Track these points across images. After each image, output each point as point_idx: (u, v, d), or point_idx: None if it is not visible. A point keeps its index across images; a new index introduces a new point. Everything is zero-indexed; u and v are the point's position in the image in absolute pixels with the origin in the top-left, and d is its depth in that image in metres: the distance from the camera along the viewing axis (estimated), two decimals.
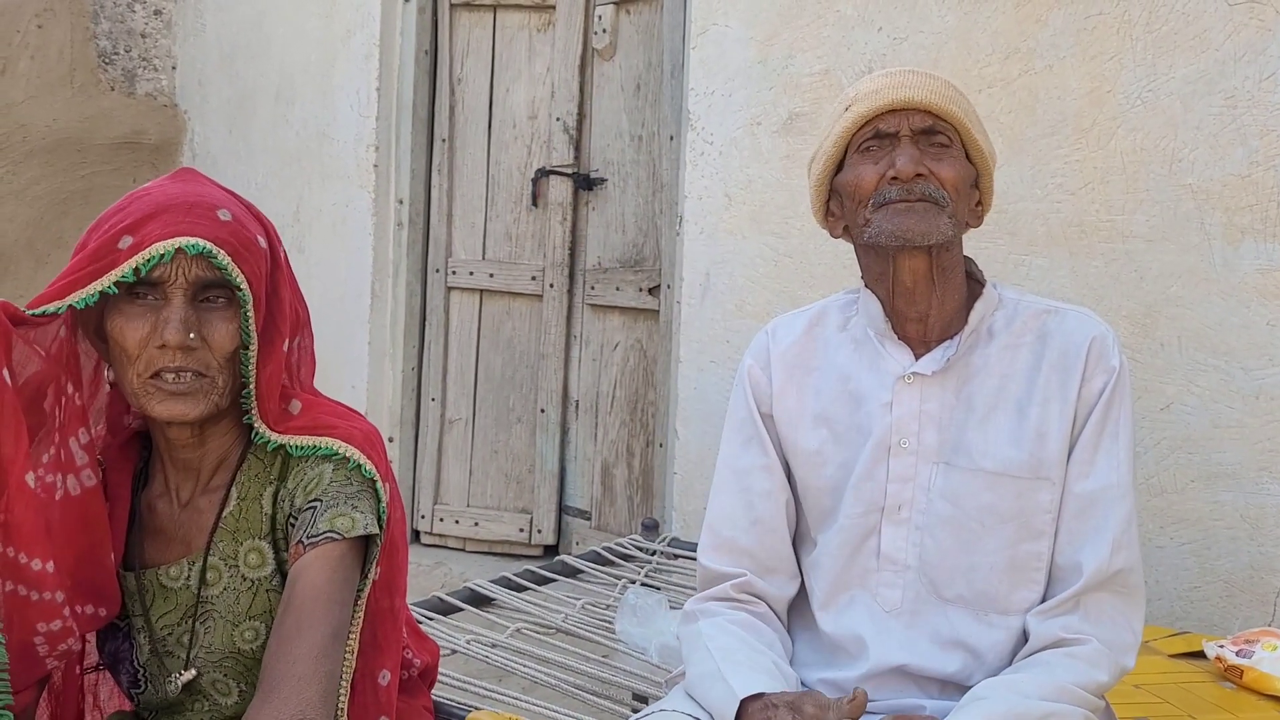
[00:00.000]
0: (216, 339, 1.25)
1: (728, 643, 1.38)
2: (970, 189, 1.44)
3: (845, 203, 1.44)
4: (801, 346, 1.50)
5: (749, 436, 1.50)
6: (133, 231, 1.21)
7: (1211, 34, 2.27)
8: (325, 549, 1.24)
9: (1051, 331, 1.42)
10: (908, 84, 1.40)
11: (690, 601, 1.50)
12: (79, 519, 1.27)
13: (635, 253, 3.35)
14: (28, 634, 1.25)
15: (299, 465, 1.31)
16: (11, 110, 3.67)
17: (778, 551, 1.47)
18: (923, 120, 1.39)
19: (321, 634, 1.20)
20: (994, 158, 1.47)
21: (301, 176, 3.78)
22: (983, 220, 1.49)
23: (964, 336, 1.42)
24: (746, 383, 1.51)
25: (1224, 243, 2.26)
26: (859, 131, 1.42)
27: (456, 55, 3.61)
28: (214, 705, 1.34)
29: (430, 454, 3.64)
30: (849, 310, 1.52)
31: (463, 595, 2.17)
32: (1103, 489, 1.37)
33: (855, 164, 1.42)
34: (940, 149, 1.40)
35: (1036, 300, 1.47)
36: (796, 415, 1.48)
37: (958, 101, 1.41)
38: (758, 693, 1.28)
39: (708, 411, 2.90)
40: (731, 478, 1.50)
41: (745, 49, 2.85)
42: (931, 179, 1.38)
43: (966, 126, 1.41)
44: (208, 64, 4.04)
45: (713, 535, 1.50)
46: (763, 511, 1.47)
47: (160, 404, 1.24)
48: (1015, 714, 1.23)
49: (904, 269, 1.40)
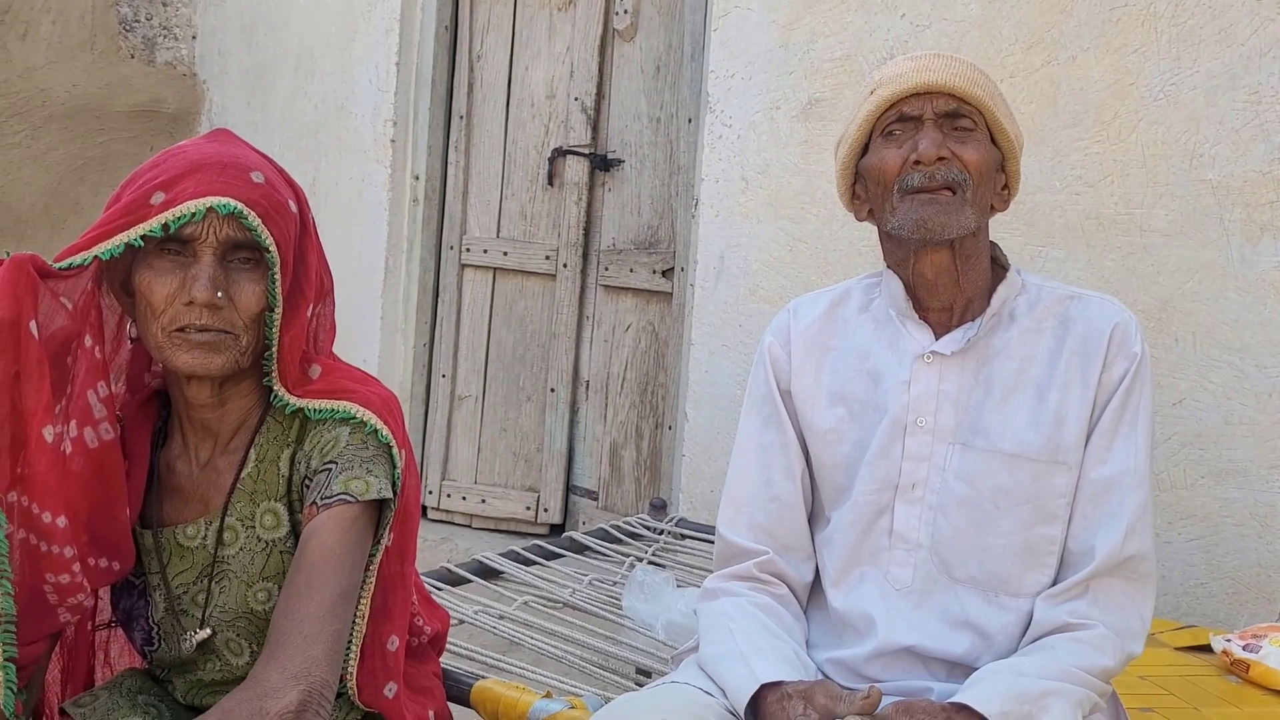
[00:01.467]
0: (244, 299, 1.25)
1: (750, 626, 1.39)
2: (995, 172, 1.43)
3: (870, 186, 1.45)
4: (822, 325, 1.51)
5: (768, 414, 1.50)
6: (166, 188, 1.22)
7: (1237, 28, 2.26)
8: (338, 510, 1.25)
9: (1074, 317, 1.42)
10: (931, 67, 1.40)
11: (711, 578, 1.50)
12: (95, 472, 1.28)
13: (650, 234, 3.35)
14: (38, 583, 1.26)
15: (316, 428, 1.32)
16: (32, 75, 3.68)
17: (795, 528, 1.48)
18: (946, 104, 1.39)
19: (330, 593, 1.21)
20: (1021, 141, 1.47)
21: (319, 150, 3.78)
22: (1009, 204, 1.49)
23: (985, 319, 1.42)
24: (767, 359, 1.52)
25: (1243, 239, 2.25)
26: (883, 115, 1.42)
27: (476, 32, 3.61)
28: (225, 664, 1.35)
29: (440, 430, 3.65)
30: (871, 292, 1.52)
31: (471, 567, 2.19)
32: (1119, 474, 1.37)
33: (880, 147, 1.43)
34: (964, 132, 1.40)
35: (1060, 286, 1.47)
36: (813, 393, 1.48)
37: (982, 84, 1.41)
38: (777, 680, 1.29)
39: (718, 395, 2.90)
40: (751, 454, 1.51)
41: (767, 32, 2.84)
42: (955, 162, 1.38)
43: (991, 109, 1.41)
44: (228, 34, 4.04)
45: (732, 509, 1.50)
46: (781, 489, 1.48)
47: (184, 354, 1.24)
48: (1015, 692, 1.23)
49: (925, 262, 1.41)
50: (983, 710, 1.21)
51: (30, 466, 1.22)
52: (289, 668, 1.15)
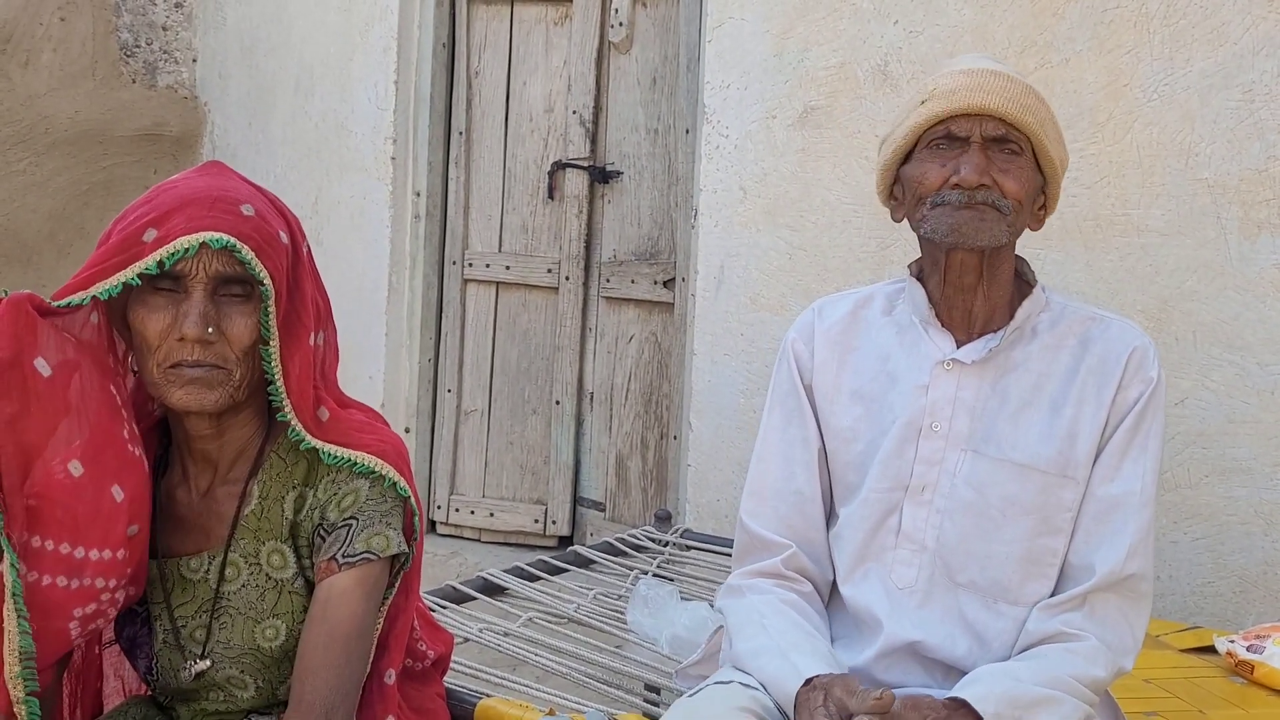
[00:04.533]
0: (235, 333, 1.26)
1: (783, 623, 1.40)
2: (1036, 195, 1.44)
3: (907, 194, 1.46)
4: (845, 326, 1.53)
5: (791, 409, 1.52)
6: (158, 225, 1.23)
7: (1230, 27, 2.26)
8: (362, 570, 1.29)
9: (1094, 338, 1.44)
10: (986, 88, 1.38)
11: (735, 574, 1.51)
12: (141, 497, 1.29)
13: (650, 246, 3.36)
14: (64, 621, 1.26)
15: (331, 476, 1.32)
16: (34, 102, 3.71)
17: (816, 522, 1.50)
18: (996, 128, 1.39)
19: (361, 667, 1.29)
20: (1065, 164, 1.47)
21: (320, 169, 3.80)
22: (1044, 224, 1.49)
23: (1008, 332, 1.44)
24: (790, 355, 1.54)
25: (1240, 237, 2.25)
26: (931, 129, 1.42)
27: (474, 48, 3.63)
28: (229, 697, 1.37)
29: (446, 445, 3.66)
30: (895, 298, 1.54)
31: (476, 584, 2.19)
32: (1126, 494, 1.38)
33: (923, 159, 1.43)
34: (1010, 157, 1.40)
35: (1084, 307, 1.49)
36: (834, 390, 1.50)
37: (1034, 110, 1.40)
38: (814, 675, 1.30)
39: (721, 404, 2.91)
40: (774, 447, 1.52)
41: (761, 42, 2.85)
42: (995, 189, 1.38)
43: (1040, 137, 1.41)
44: (228, 56, 4.07)
45: (756, 500, 1.52)
46: (803, 483, 1.50)
47: (178, 390, 1.26)
48: (1010, 696, 1.25)
49: (955, 263, 1.42)
50: (978, 708, 1.24)
51: (42, 500, 1.23)
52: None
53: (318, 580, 1.30)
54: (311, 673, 1.25)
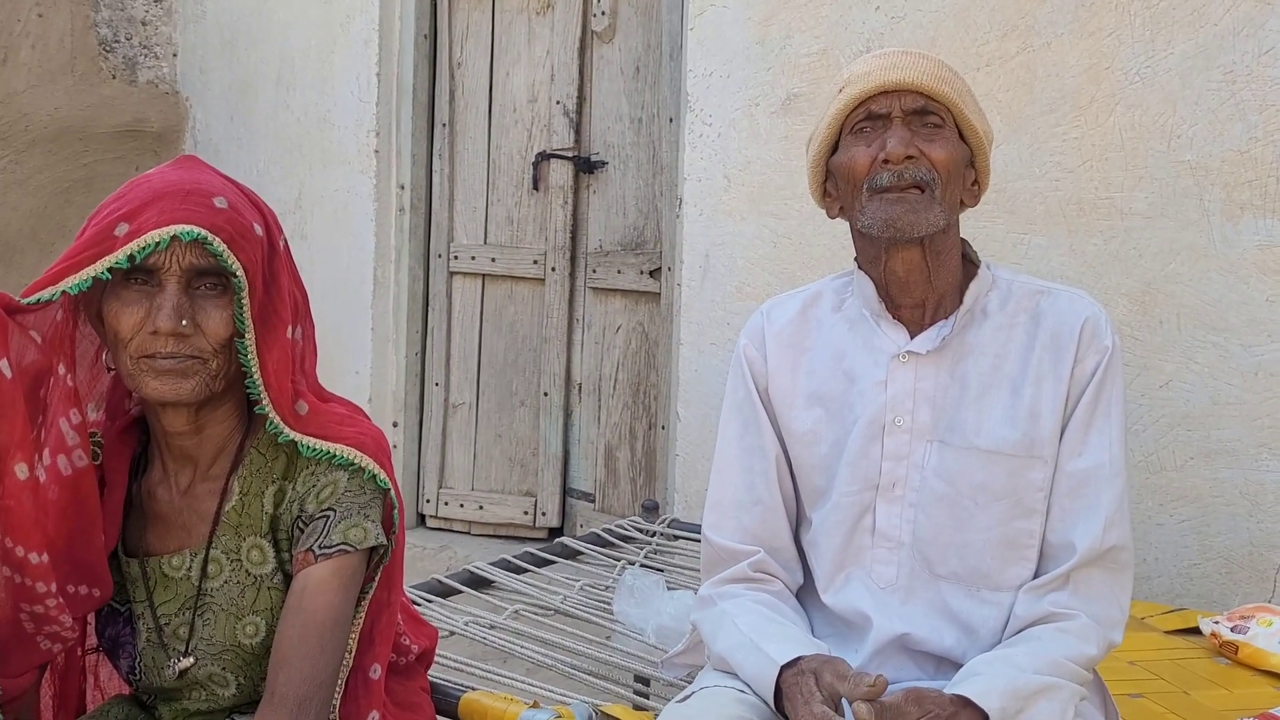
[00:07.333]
0: (210, 325, 1.25)
1: (754, 619, 1.40)
2: (965, 169, 1.44)
3: (840, 185, 1.45)
4: (796, 326, 1.51)
5: (748, 417, 1.51)
6: (129, 219, 1.22)
7: (1210, 9, 2.25)
8: (338, 561, 1.28)
9: (1045, 312, 1.43)
10: (899, 65, 1.40)
11: (705, 586, 1.51)
12: (71, 499, 1.29)
13: (636, 235, 3.36)
14: (15, 613, 1.27)
15: (309, 468, 1.32)
16: (13, 99, 3.68)
17: (780, 531, 1.49)
18: (914, 101, 1.40)
19: (333, 661, 1.27)
20: (990, 137, 1.47)
21: (303, 162, 3.78)
22: (979, 200, 1.49)
23: (959, 316, 1.43)
24: (743, 361, 1.53)
25: (1223, 219, 2.25)
26: (852, 113, 1.43)
27: (456, 39, 3.61)
28: (211, 695, 1.36)
29: (434, 438, 3.66)
30: (843, 292, 1.52)
31: (461, 577, 2.19)
32: (1095, 467, 1.38)
33: (849, 145, 1.43)
34: (933, 129, 1.40)
35: (1030, 280, 1.48)
36: (790, 394, 1.49)
37: (950, 81, 1.41)
38: (794, 658, 1.30)
39: (708, 393, 2.91)
40: (732, 458, 1.51)
41: (743, 30, 2.84)
42: (923, 161, 1.38)
43: (959, 106, 1.41)
44: (208, 50, 4.04)
45: (718, 513, 1.51)
46: (764, 492, 1.48)
47: (153, 380, 1.25)
48: (1013, 688, 1.24)
49: (896, 260, 1.41)
50: (982, 705, 1.23)
51: (4, 504, 1.23)
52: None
53: (295, 572, 1.30)
54: (286, 663, 1.24)
